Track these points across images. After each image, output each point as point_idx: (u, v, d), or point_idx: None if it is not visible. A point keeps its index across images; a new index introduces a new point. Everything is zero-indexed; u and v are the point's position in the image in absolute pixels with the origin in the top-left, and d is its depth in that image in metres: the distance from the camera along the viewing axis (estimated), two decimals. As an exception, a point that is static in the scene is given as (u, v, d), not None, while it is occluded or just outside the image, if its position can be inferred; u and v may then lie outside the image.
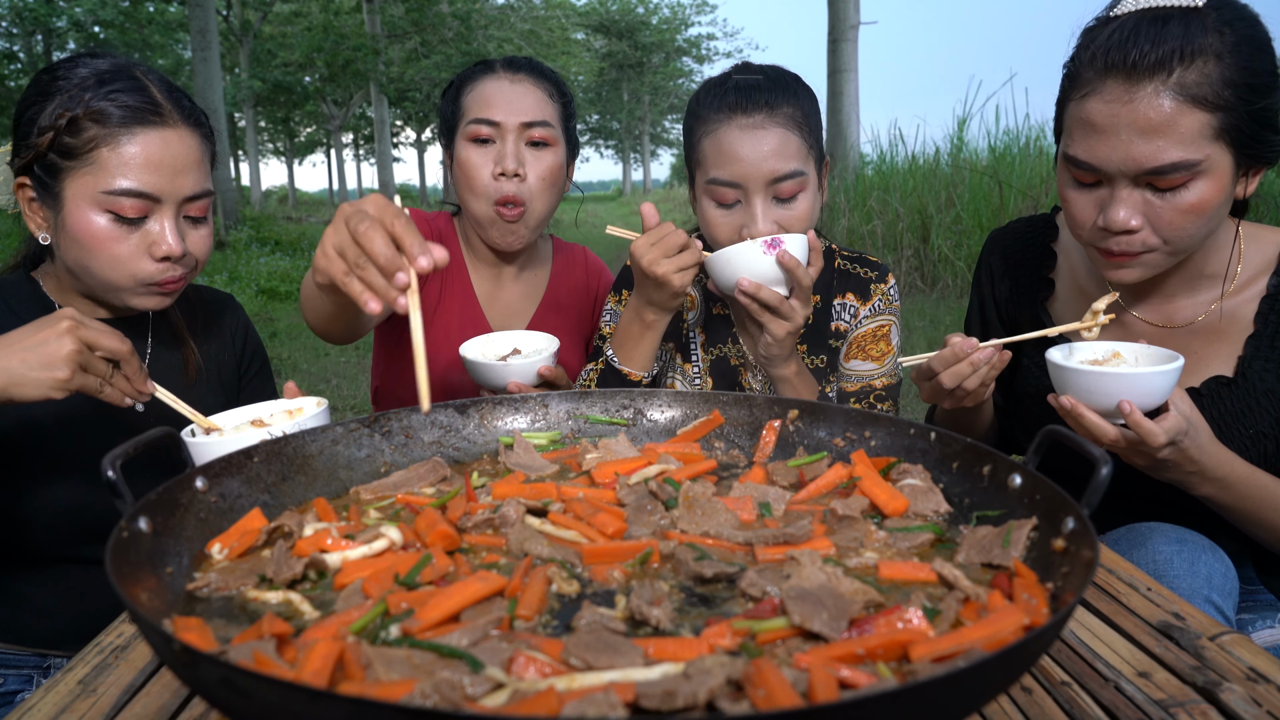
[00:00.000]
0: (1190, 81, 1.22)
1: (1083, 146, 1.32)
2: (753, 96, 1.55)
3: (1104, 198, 1.33)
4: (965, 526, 0.93)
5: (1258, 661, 0.92)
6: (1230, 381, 1.42)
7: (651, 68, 51.96)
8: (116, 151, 1.34)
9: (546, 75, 1.88)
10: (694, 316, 1.87)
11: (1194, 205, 1.27)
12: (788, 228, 1.57)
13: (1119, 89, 1.26)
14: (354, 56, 23.69)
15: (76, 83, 1.35)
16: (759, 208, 1.56)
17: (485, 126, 1.80)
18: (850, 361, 1.79)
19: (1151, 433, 1.22)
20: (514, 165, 1.79)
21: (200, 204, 1.45)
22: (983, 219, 8.48)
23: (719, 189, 1.58)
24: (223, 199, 14.80)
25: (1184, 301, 1.48)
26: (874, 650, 0.69)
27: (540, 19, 32.47)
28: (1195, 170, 1.25)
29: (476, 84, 1.84)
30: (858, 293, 1.81)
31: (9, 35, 21.63)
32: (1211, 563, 1.25)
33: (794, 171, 1.55)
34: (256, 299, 9.21)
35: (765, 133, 1.54)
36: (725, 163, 1.55)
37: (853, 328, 1.81)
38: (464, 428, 1.22)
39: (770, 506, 1.00)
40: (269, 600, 0.81)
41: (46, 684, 0.89)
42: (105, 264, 1.37)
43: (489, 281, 1.99)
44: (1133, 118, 1.25)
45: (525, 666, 0.67)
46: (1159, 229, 1.31)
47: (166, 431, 0.92)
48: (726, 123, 1.56)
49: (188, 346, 1.62)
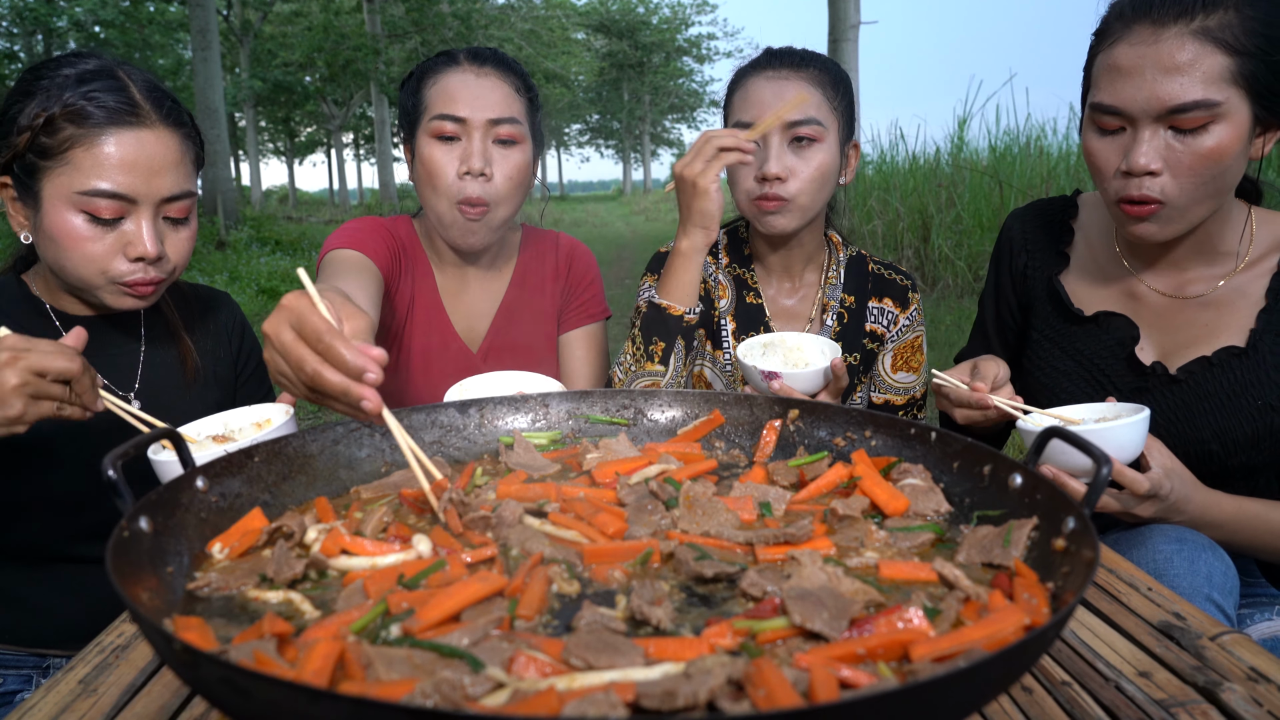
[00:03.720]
0: (1213, 25, 1.31)
1: (1109, 91, 1.38)
2: (782, 58, 1.80)
3: (1126, 144, 1.39)
4: (966, 526, 0.93)
5: (1259, 661, 0.92)
6: (1242, 352, 1.46)
7: (652, 67, 51.97)
8: (91, 152, 1.33)
9: (512, 68, 1.79)
10: (725, 304, 1.90)
11: (1212, 150, 1.33)
12: (795, 174, 1.73)
13: (1145, 32, 1.34)
14: (354, 56, 23.70)
15: (58, 82, 1.35)
16: (775, 146, 1.72)
17: (450, 123, 1.70)
18: (897, 374, 1.87)
19: (1135, 480, 1.29)
20: (480, 164, 1.70)
21: (180, 205, 1.43)
22: (983, 219, 8.47)
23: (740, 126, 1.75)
24: (223, 199, 14.80)
25: (1195, 274, 1.53)
26: (874, 650, 0.69)
27: (540, 19, 32.47)
28: (1215, 111, 1.31)
29: (440, 76, 1.75)
30: (896, 299, 1.90)
31: (9, 35, 21.62)
32: (1212, 562, 1.26)
33: (808, 119, 1.71)
34: (257, 299, 9.21)
35: (787, 83, 1.74)
36: (748, 108, 1.76)
37: (892, 336, 1.89)
38: (464, 427, 1.22)
39: (771, 506, 1.00)
40: (270, 600, 0.81)
41: (47, 683, 0.89)
42: (79, 262, 1.36)
43: (453, 281, 1.91)
44: (1157, 57, 1.32)
45: (526, 666, 0.67)
46: (1177, 174, 1.36)
47: (168, 431, 0.92)
48: (756, 75, 1.79)
49: (183, 344, 1.60)
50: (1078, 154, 8.86)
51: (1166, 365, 1.50)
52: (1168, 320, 1.53)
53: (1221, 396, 1.46)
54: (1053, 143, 9.33)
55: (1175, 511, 1.34)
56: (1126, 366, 1.54)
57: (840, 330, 1.88)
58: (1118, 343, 1.56)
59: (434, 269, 1.91)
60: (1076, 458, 1.24)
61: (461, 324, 1.91)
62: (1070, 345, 1.61)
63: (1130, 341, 1.54)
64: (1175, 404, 1.49)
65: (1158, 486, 1.30)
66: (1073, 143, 9.14)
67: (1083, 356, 1.59)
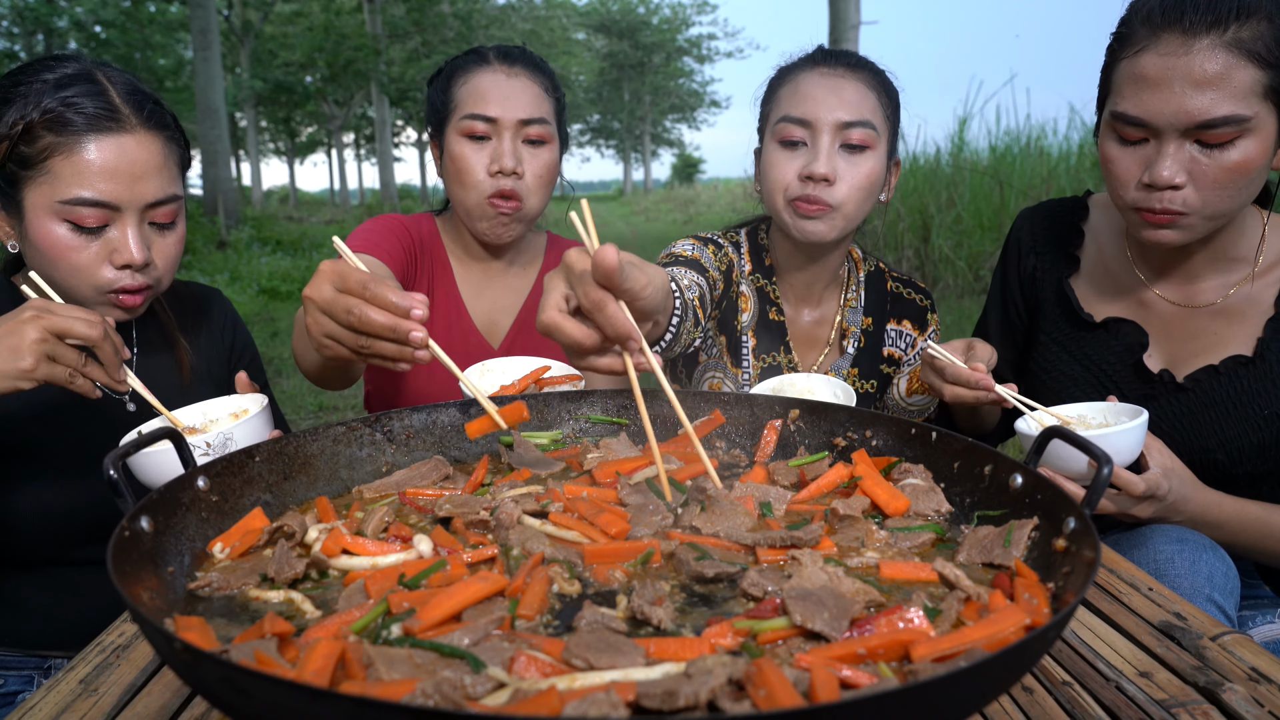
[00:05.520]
0: (1245, 37, 1.26)
1: (1133, 101, 1.34)
2: (837, 56, 1.71)
3: (1149, 155, 1.35)
4: (966, 526, 0.93)
5: (1259, 661, 0.92)
6: (1249, 361, 1.45)
7: (652, 67, 51.99)
8: (71, 160, 1.31)
9: (541, 68, 1.81)
10: (748, 318, 1.81)
11: (1238, 164, 1.30)
12: (843, 179, 1.63)
13: (1175, 43, 1.29)
14: (355, 56, 23.73)
15: (36, 88, 1.32)
16: (825, 146, 1.63)
17: (481, 123, 1.74)
18: (912, 397, 1.77)
19: (1131, 482, 1.28)
20: (512, 164, 1.73)
21: (165, 209, 1.40)
22: (983, 219, 8.47)
23: (789, 126, 1.66)
24: (224, 199, 14.81)
25: (1206, 283, 1.51)
26: (875, 650, 0.69)
27: (541, 19, 32.50)
28: (1244, 126, 1.28)
29: (470, 76, 1.77)
30: (915, 321, 1.84)
31: (10, 35, 21.62)
32: (1213, 562, 1.26)
33: (860, 121, 1.62)
34: (258, 299, 9.21)
35: (844, 82, 1.66)
36: (798, 102, 1.66)
37: (909, 360, 1.83)
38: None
39: (771, 506, 1.00)
40: (270, 599, 0.81)
41: (48, 683, 0.89)
42: (66, 272, 1.35)
43: (476, 278, 1.94)
44: (1188, 70, 1.27)
45: (526, 666, 0.67)
46: (1201, 188, 1.33)
47: (168, 430, 0.92)
48: (810, 70, 1.69)
49: (179, 347, 1.59)
50: (1078, 154, 8.86)
51: (1174, 373, 1.49)
52: (1177, 328, 1.52)
53: (1228, 405, 1.45)
54: (1053, 143, 9.34)
55: (1174, 512, 1.33)
56: (1134, 373, 1.53)
57: (857, 355, 1.81)
58: (1126, 349, 1.54)
59: (455, 266, 1.93)
60: (1074, 458, 1.24)
61: (482, 320, 1.94)
62: (1078, 350, 1.60)
63: (1139, 348, 1.53)
64: (1181, 412, 1.48)
65: (1155, 487, 1.29)
66: (1073, 143, 9.14)
67: (1090, 362, 1.58)
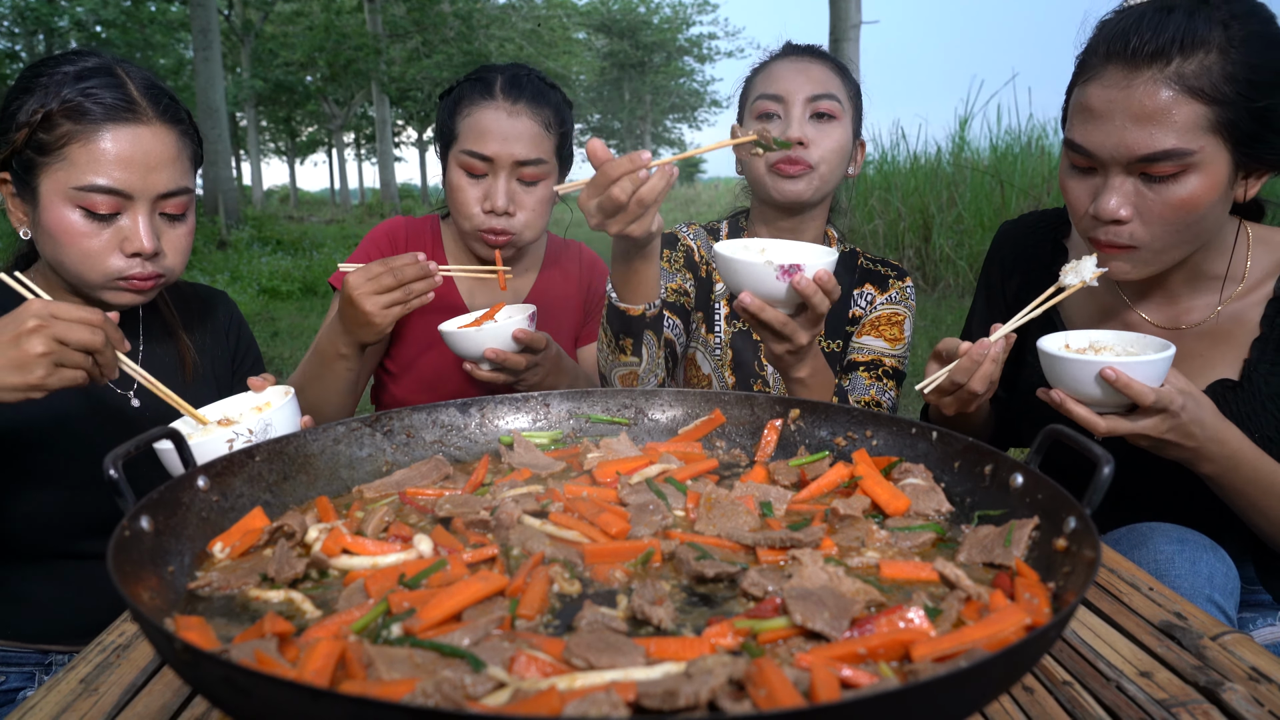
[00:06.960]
0: (1189, 72, 1.23)
1: (1080, 131, 1.33)
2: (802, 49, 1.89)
3: (1098, 185, 1.33)
4: (967, 526, 0.93)
5: (1260, 661, 0.92)
6: (1235, 385, 1.40)
7: (653, 67, 51.95)
8: (88, 148, 1.34)
9: (547, 101, 1.82)
10: (721, 288, 1.88)
11: (1184, 200, 1.27)
12: (816, 144, 1.76)
13: (1118, 75, 1.27)
14: (355, 56, 23.72)
15: (57, 79, 1.36)
16: (796, 117, 1.77)
17: (478, 161, 1.76)
18: (863, 338, 1.86)
19: (1141, 393, 1.19)
20: (504, 204, 1.76)
21: (177, 201, 1.44)
22: (984, 218, 8.47)
23: (765, 102, 1.81)
24: (224, 198, 14.80)
25: (1188, 303, 1.47)
26: (875, 650, 0.69)
27: (542, 18, 32.46)
28: (1187, 161, 1.25)
29: (473, 110, 1.78)
30: (876, 284, 1.92)
31: (10, 35, 21.63)
32: (1213, 562, 1.25)
33: (827, 94, 1.78)
34: (258, 298, 9.21)
35: (810, 65, 1.82)
36: (771, 83, 1.81)
37: (867, 313, 1.90)
38: (465, 427, 1.22)
39: (771, 506, 1.00)
40: (271, 599, 0.81)
41: (48, 682, 0.89)
42: (77, 258, 1.37)
43: (475, 282, 1.97)
44: (1128, 104, 1.26)
45: (527, 666, 0.67)
46: (1148, 222, 1.30)
47: (168, 430, 0.92)
48: (780, 59, 1.86)
49: (182, 343, 1.62)
50: (1079, 154, 8.85)
51: None
52: None
53: None
54: (1054, 143, 9.32)
55: (1187, 435, 1.25)
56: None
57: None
58: None
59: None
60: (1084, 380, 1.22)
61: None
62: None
63: None
64: None
65: (1168, 400, 1.21)
66: (1074, 142, 9.12)
67: None
